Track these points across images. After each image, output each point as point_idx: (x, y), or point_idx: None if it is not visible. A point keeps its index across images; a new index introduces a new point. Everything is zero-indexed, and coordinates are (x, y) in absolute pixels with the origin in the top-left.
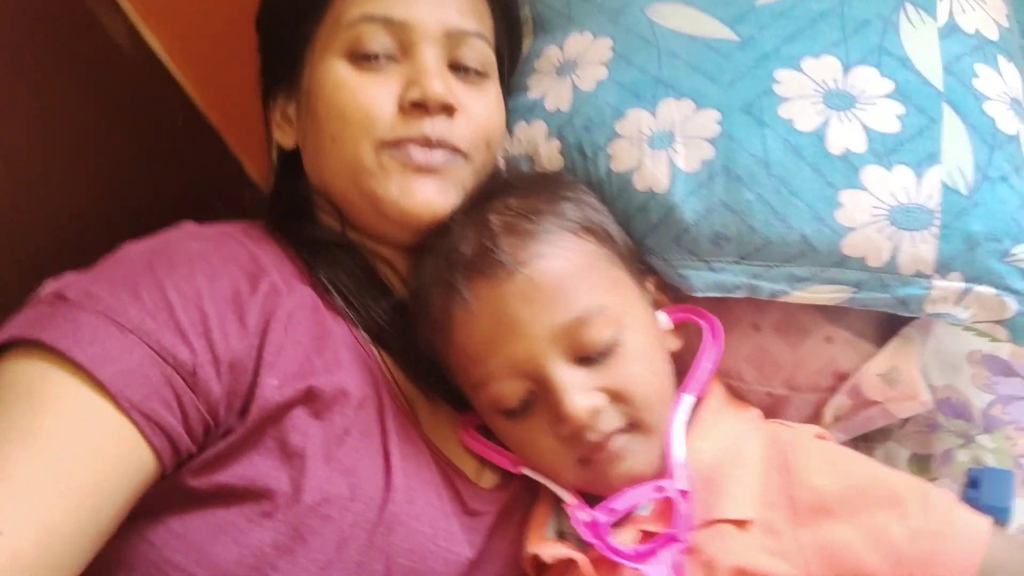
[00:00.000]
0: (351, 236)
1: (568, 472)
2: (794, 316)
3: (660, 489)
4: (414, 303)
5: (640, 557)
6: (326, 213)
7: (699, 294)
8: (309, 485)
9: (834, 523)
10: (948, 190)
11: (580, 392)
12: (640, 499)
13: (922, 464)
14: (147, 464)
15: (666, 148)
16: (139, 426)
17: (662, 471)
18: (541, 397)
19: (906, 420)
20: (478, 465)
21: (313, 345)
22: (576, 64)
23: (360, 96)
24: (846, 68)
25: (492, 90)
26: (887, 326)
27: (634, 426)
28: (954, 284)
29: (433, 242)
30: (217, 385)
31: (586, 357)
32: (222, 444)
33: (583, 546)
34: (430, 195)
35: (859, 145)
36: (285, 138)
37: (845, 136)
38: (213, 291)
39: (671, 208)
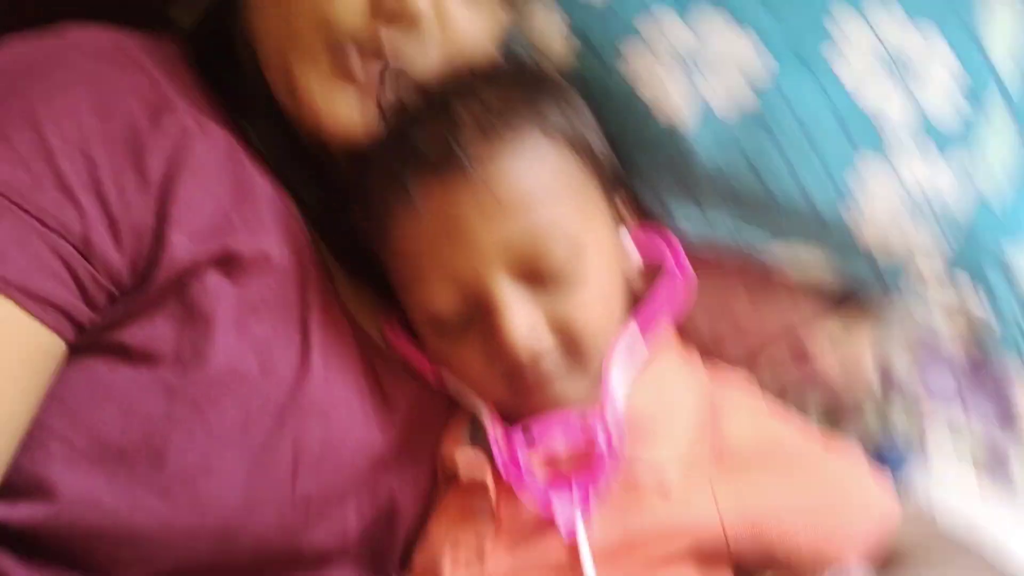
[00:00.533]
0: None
1: (492, 389)
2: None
3: (586, 425)
4: (354, 186)
5: (548, 489)
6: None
7: (694, 241)
8: (213, 353)
9: (751, 479)
10: (981, 194)
11: (523, 316)
12: (560, 424)
13: (831, 419)
14: (46, 341)
15: (694, 76)
16: (22, 305)
17: (595, 405)
18: (478, 314)
19: None
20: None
21: (231, 198)
22: None
23: None
24: (921, 33)
25: (491, 9)
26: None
27: (569, 352)
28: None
29: (388, 127)
30: (116, 251)
31: (536, 279)
32: (120, 305)
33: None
34: (354, 114)
35: (908, 123)
36: None
37: (896, 110)
38: (104, 130)
39: (689, 153)
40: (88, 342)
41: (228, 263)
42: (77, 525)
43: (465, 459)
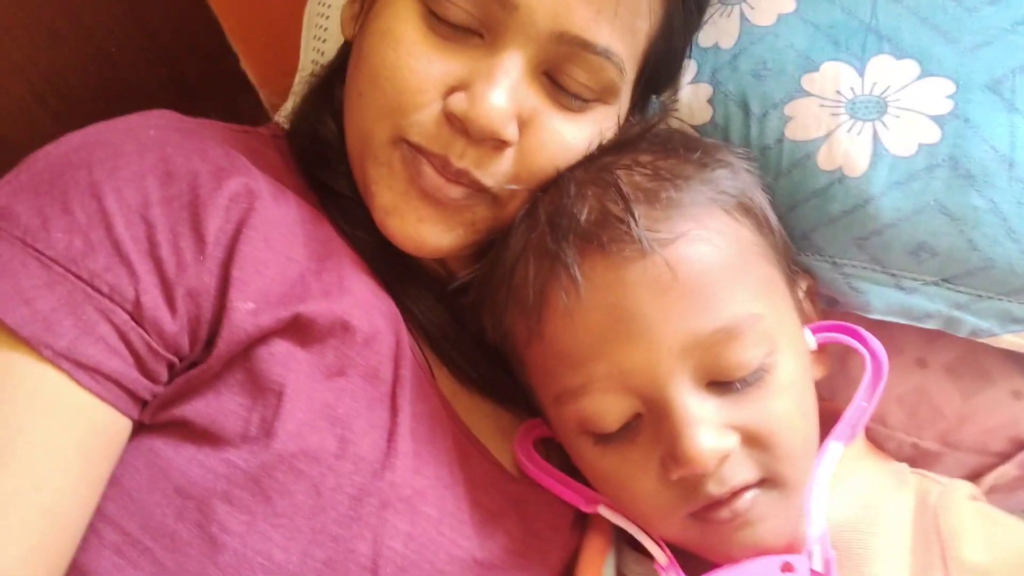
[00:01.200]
0: None
1: (672, 525)
2: (976, 358)
3: (788, 568)
4: (491, 276)
5: None
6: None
7: (875, 316)
8: (284, 429)
9: None
10: None
11: (709, 428)
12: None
13: None
14: (102, 418)
15: (873, 120)
16: (72, 376)
17: (789, 540)
18: (651, 425)
19: None
20: (507, 432)
21: (307, 258)
22: None
23: (405, 66)
24: None
25: (595, 118)
26: None
27: (769, 480)
28: None
29: (536, 199)
30: (169, 314)
31: (722, 382)
32: (182, 379)
33: None
34: (420, 230)
35: None
36: (348, 23)
37: None
38: (165, 194)
39: (865, 200)
40: (151, 421)
41: (300, 330)
42: None
43: None
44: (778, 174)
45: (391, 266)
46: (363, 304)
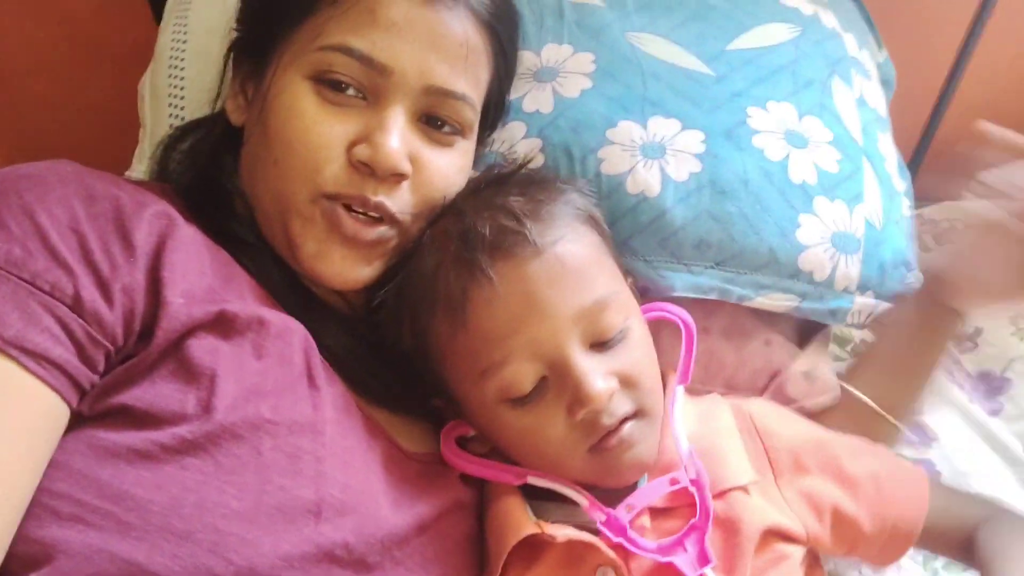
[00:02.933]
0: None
1: (576, 461)
2: (738, 321)
3: (675, 481)
4: (407, 291)
5: (667, 550)
6: (245, 217)
7: (678, 293)
8: (222, 404)
9: (808, 476)
10: (869, 225)
11: (598, 375)
12: (658, 493)
13: None
14: (47, 402)
15: (658, 158)
16: (19, 362)
17: (665, 462)
18: (556, 382)
19: None
20: (403, 434)
21: (214, 275)
22: (557, 72)
23: (313, 132)
24: (800, 115)
25: (462, 149)
26: (803, 335)
27: (639, 412)
28: (868, 300)
29: (438, 226)
30: (107, 307)
31: (599, 342)
32: (120, 369)
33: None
34: (346, 268)
35: (811, 178)
36: (236, 113)
37: (802, 169)
38: (92, 212)
39: (662, 212)
40: (89, 411)
41: (223, 324)
42: None
43: (565, 533)
44: (600, 199)
45: (297, 297)
46: (268, 312)
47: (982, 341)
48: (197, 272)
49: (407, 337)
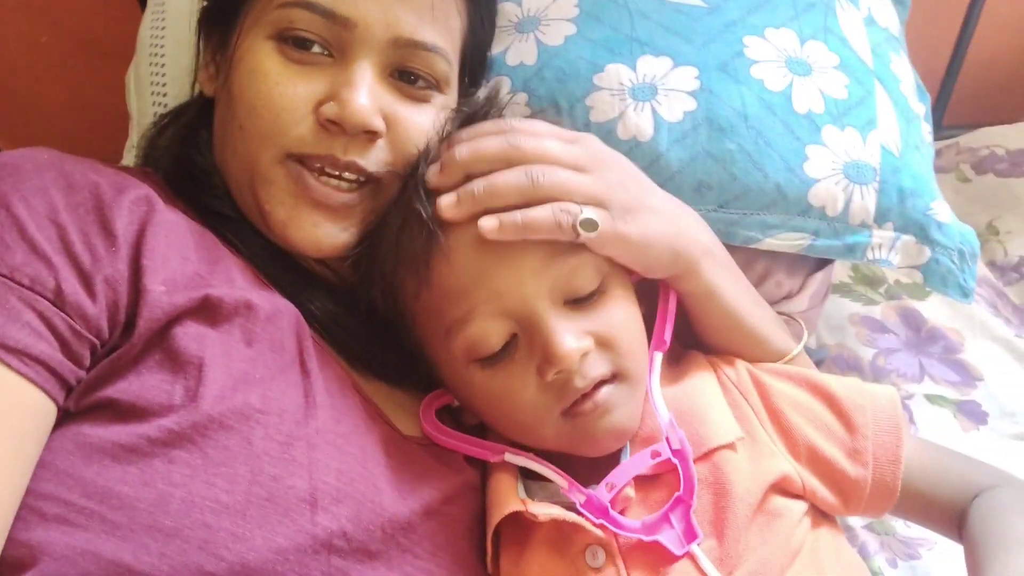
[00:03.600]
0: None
1: (549, 426)
2: (751, 265)
3: (656, 454)
4: (376, 250)
5: (651, 528)
6: (222, 191)
7: None
8: (209, 394)
9: (790, 419)
10: (885, 151)
11: (570, 333)
12: (638, 468)
13: None
14: (31, 400)
15: (649, 100)
16: (2, 359)
17: (647, 431)
18: (526, 340)
19: None
20: (404, 416)
21: (199, 259)
22: (539, 20)
23: (275, 93)
24: (801, 40)
25: (440, 104)
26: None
27: (617, 376)
28: (888, 233)
29: (404, 181)
30: (89, 300)
31: (573, 300)
32: (105, 363)
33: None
34: (318, 232)
35: (818, 107)
36: (208, 84)
37: (807, 98)
38: (70, 201)
39: (656, 156)
40: (76, 407)
41: (209, 310)
42: None
43: (549, 512)
44: None
45: (285, 271)
46: (256, 294)
47: None
48: (180, 258)
49: (379, 299)
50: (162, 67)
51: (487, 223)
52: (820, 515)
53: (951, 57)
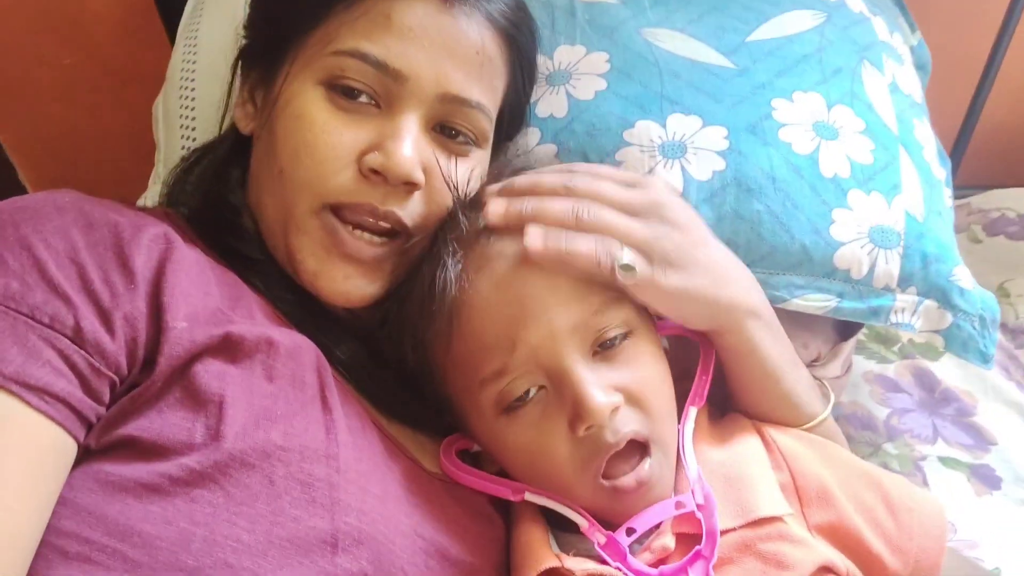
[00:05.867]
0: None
1: (586, 488)
2: None
3: (680, 505)
4: (407, 304)
5: None
6: (252, 232)
7: None
8: (230, 431)
9: (835, 508)
10: (909, 216)
11: (599, 387)
12: (661, 518)
13: None
14: (51, 438)
15: (679, 158)
16: (21, 397)
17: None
18: (555, 394)
19: None
20: (426, 452)
21: (220, 296)
22: (570, 74)
23: (321, 142)
24: (829, 105)
25: (477, 158)
26: (843, 333)
27: (651, 442)
28: (911, 297)
29: (436, 235)
30: (108, 336)
31: (602, 344)
32: (126, 400)
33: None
34: (348, 285)
35: (844, 171)
36: (244, 121)
37: (834, 162)
38: (90, 240)
39: None
40: (96, 444)
41: (230, 347)
42: None
43: (586, 568)
44: None
45: (309, 316)
46: (277, 331)
47: None
48: (201, 294)
49: (409, 352)
50: (192, 100)
51: (534, 233)
52: None
53: (965, 118)
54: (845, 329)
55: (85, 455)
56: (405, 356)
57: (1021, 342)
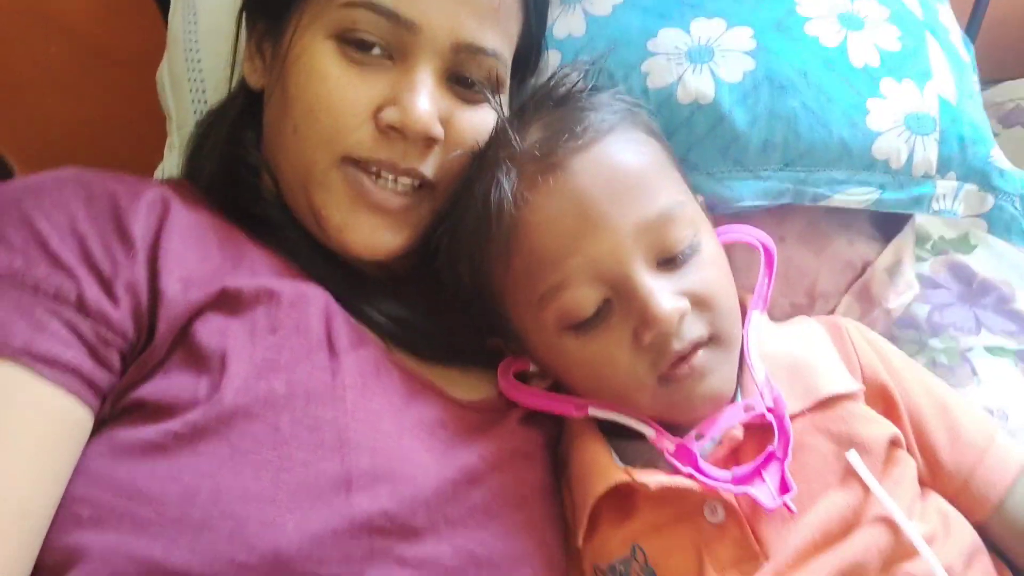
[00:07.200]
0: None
1: (646, 392)
2: (815, 224)
3: (749, 409)
4: (461, 228)
5: (742, 480)
6: (272, 193)
7: (747, 203)
8: (231, 386)
9: (893, 412)
10: (943, 101)
11: (666, 294)
12: (732, 422)
13: None
14: (63, 408)
15: (707, 62)
16: (33, 368)
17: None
18: (620, 304)
19: None
20: (458, 386)
21: (224, 260)
22: None
23: (336, 97)
24: None
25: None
26: (885, 231)
27: (714, 338)
28: (951, 183)
29: (485, 154)
30: (112, 305)
31: (667, 259)
32: (133, 367)
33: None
34: (375, 237)
35: (874, 60)
36: (254, 76)
37: (863, 52)
38: (90, 212)
39: (720, 118)
40: (110, 412)
41: (228, 302)
42: None
43: (658, 480)
44: (650, 114)
45: (342, 277)
46: (282, 282)
47: None
48: (197, 256)
49: (465, 276)
50: (199, 61)
51: None
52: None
53: (971, 15)
54: (885, 225)
55: (101, 424)
56: (461, 281)
57: None
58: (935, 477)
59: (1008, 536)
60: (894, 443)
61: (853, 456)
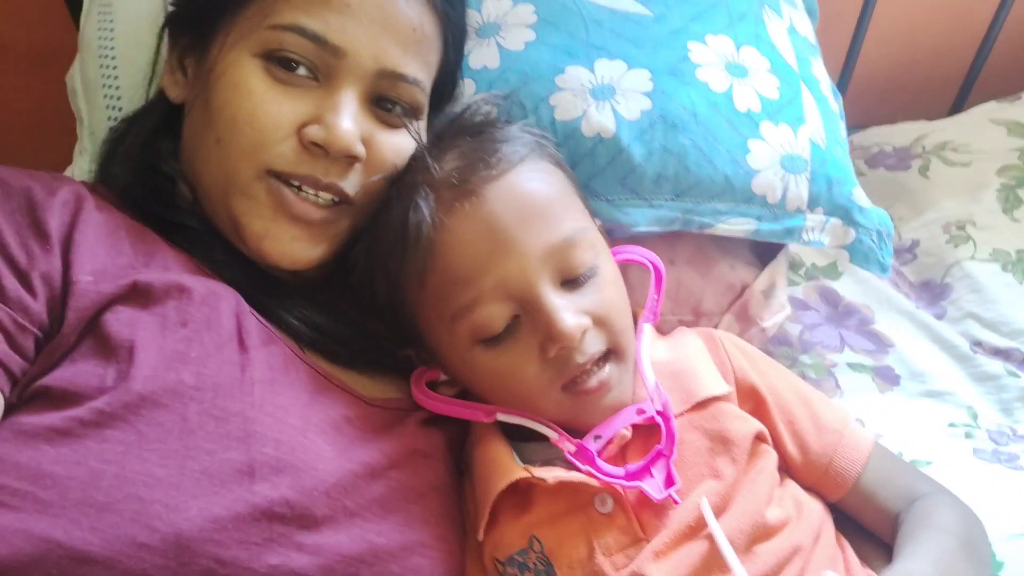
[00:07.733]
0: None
1: (550, 400)
2: (702, 249)
3: (641, 412)
4: (376, 246)
5: (634, 476)
6: (188, 201)
7: (642, 229)
8: (140, 375)
9: (762, 408)
10: (813, 144)
11: (570, 312)
12: (624, 424)
13: None
14: None
15: (609, 99)
16: None
17: (636, 396)
18: (528, 320)
19: None
20: (365, 384)
21: (136, 257)
22: (499, 26)
23: (260, 111)
24: (737, 46)
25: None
26: (761, 258)
27: (612, 352)
28: (819, 217)
29: (403, 178)
30: (30, 296)
31: (570, 280)
32: (42, 355)
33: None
34: (294, 247)
35: (756, 106)
36: (174, 88)
37: (746, 98)
38: (6, 208)
39: (619, 151)
40: (18, 399)
41: (139, 295)
42: (8, 564)
43: (556, 475)
44: (557, 146)
45: (256, 281)
46: (192, 279)
47: (919, 252)
48: (109, 252)
49: (381, 291)
50: (113, 69)
51: None
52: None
53: (844, 62)
54: (762, 252)
55: (8, 410)
56: (377, 295)
57: (905, 259)
58: (805, 460)
59: (864, 508)
60: (759, 438)
61: (704, 504)
